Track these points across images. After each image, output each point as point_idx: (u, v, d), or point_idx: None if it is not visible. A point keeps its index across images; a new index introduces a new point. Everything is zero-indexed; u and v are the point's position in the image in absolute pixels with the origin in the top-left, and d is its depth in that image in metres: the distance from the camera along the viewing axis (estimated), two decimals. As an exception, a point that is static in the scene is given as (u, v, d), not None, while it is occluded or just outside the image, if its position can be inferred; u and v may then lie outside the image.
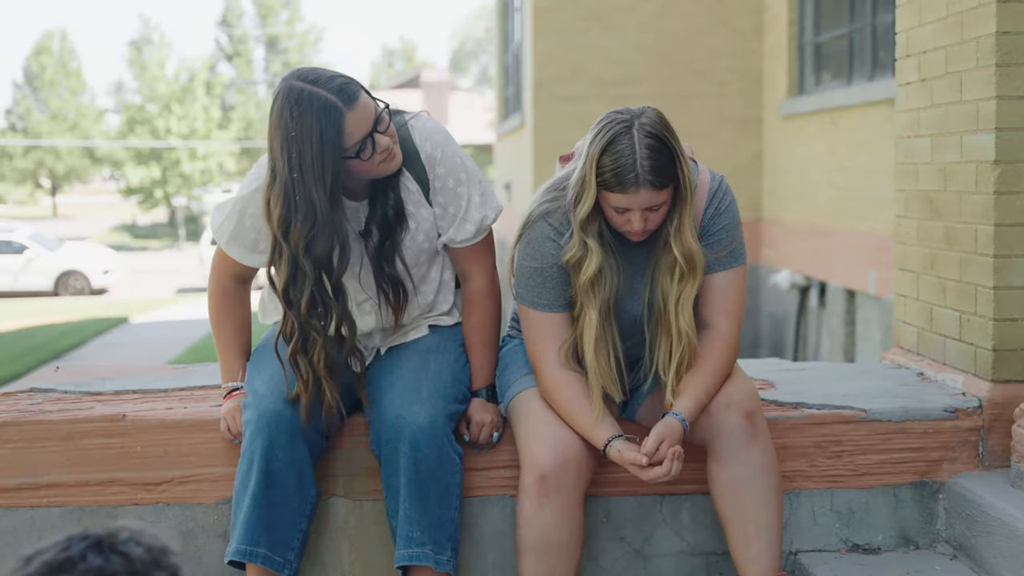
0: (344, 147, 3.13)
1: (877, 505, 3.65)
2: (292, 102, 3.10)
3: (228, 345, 3.53)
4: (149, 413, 3.59)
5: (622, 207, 3.16)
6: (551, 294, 3.35)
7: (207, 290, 3.54)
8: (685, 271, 3.26)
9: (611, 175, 3.12)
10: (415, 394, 3.32)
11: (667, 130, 3.15)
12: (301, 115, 3.08)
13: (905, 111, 4.24)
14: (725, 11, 14.76)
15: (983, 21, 3.66)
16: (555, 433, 3.27)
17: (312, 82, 3.12)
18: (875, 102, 11.21)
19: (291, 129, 3.09)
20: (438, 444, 3.29)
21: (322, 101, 3.09)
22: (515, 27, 18.99)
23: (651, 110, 3.18)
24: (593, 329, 3.28)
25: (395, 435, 3.29)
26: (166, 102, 47.89)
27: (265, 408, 3.28)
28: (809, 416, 3.62)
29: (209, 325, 3.57)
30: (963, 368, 3.84)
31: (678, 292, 3.27)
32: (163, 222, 56.65)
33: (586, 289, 3.27)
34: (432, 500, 3.30)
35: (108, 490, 3.55)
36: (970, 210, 3.76)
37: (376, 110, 3.21)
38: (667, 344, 3.29)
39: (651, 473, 3.13)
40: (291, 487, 3.29)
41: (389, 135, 3.23)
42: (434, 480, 3.30)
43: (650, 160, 3.10)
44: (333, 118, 3.09)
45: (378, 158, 3.20)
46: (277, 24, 53.99)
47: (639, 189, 3.11)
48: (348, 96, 3.12)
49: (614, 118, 3.16)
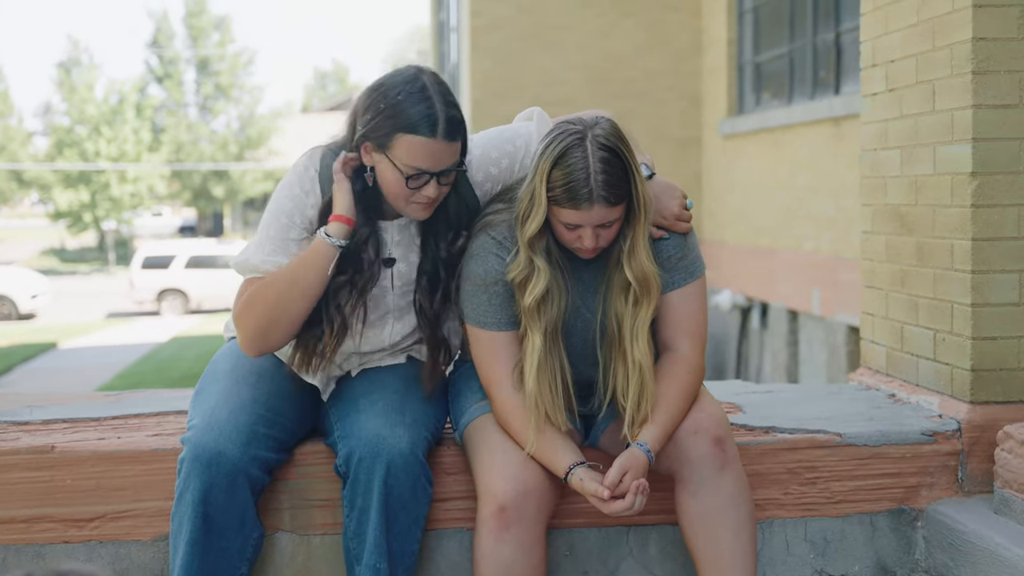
0: (401, 155, 2.96)
1: (853, 534, 3.47)
2: (405, 82, 2.97)
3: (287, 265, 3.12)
4: (80, 444, 3.35)
5: (573, 223, 2.96)
6: (498, 312, 3.14)
7: (244, 322, 3.11)
8: (639, 294, 3.06)
9: (562, 191, 2.91)
10: (399, 416, 3.11)
11: (622, 142, 2.95)
12: (400, 96, 2.96)
13: (871, 123, 4.08)
14: (664, 31, 14.69)
15: (957, 27, 3.51)
16: (514, 462, 3.06)
17: (436, 91, 2.98)
18: (817, 121, 11.15)
19: (381, 100, 2.98)
20: (415, 473, 3.07)
21: (425, 108, 2.94)
22: (451, 47, 18.84)
23: (605, 120, 2.98)
24: (536, 354, 3.06)
25: (372, 455, 3.05)
26: (95, 124, 47.24)
27: (204, 446, 3.02)
28: (781, 441, 3.45)
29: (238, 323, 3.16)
30: (938, 389, 3.67)
31: (633, 317, 3.07)
32: (92, 246, 55.90)
33: (532, 311, 3.06)
34: (400, 531, 3.08)
35: (35, 527, 3.30)
36: (945, 224, 3.61)
37: (456, 157, 3.03)
38: (623, 372, 3.09)
39: (613, 507, 2.93)
40: (231, 529, 3.06)
41: (441, 191, 3.06)
42: (404, 510, 3.08)
43: (604, 175, 2.90)
44: (416, 124, 2.94)
45: (416, 197, 3.02)
46: (208, 46, 53.36)
47: (592, 205, 2.91)
48: (449, 132, 2.96)
49: (566, 129, 2.95)
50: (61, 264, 50.25)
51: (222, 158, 50.64)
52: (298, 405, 3.25)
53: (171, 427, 3.53)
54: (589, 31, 14.68)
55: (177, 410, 3.70)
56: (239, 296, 3.13)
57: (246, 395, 3.14)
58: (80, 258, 52.83)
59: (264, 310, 3.06)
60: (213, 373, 3.27)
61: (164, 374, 19.27)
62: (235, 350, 3.33)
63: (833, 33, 11.05)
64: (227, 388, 3.16)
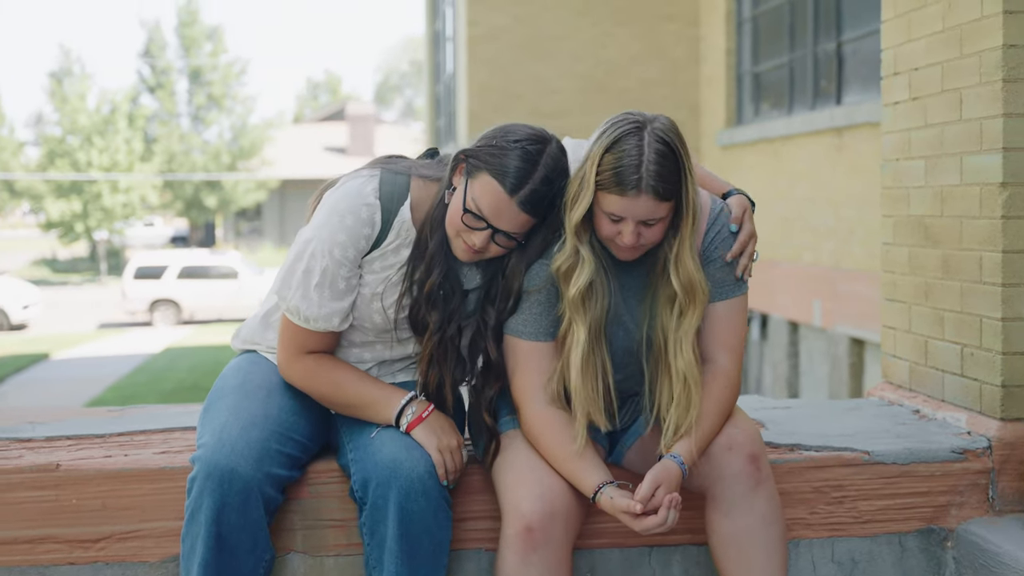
0: (475, 191, 2.92)
1: (881, 554, 3.38)
2: (528, 139, 2.93)
3: (362, 383, 3.11)
4: (85, 462, 3.24)
5: (617, 214, 2.85)
6: (536, 322, 3.04)
7: (301, 383, 3.13)
8: (684, 303, 2.96)
9: (611, 174, 2.81)
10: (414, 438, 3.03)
11: (679, 140, 2.86)
12: (516, 146, 2.91)
13: (893, 132, 3.99)
14: (660, 40, 14.63)
15: (987, 34, 3.42)
16: (542, 480, 2.95)
17: (546, 163, 2.92)
18: (817, 131, 11.07)
19: (502, 138, 2.94)
20: (434, 497, 2.96)
21: (524, 168, 2.90)
22: (446, 57, 18.78)
23: (665, 117, 2.88)
24: (581, 348, 2.96)
25: (388, 480, 2.94)
26: (87, 134, 47.03)
27: (215, 464, 2.91)
28: (808, 459, 3.35)
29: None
30: (966, 405, 3.58)
31: (677, 327, 2.97)
32: (84, 256, 55.65)
33: (576, 303, 2.95)
34: (424, 557, 2.96)
35: (40, 548, 3.19)
36: (973, 236, 3.51)
37: (521, 228, 2.95)
38: (668, 383, 2.99)
39: (645, 523, 2.82)
40: (244, 550, 2.95)
41: (495, 251, 2.99)
42: (428, 535, 2.96)
43: (657, 165, 2.80)
44: (504, 174, 2.90)
45: (465, 235, 2.96)
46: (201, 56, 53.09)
47: (639, 194, 2.81)
48: (527, 201, 2.90)
49: (625, 118, 2.87)
50: (52, 274, 49.99)
51: (214, 168, 50.46)
52: (310, 421, 3.15)
53: (178, 444, 3.43)
54: (585, 41, 14.62)
55: (183, 426, 3.60)
56: (284, 333, 3.11)
57: (257, 411, 3.04)
58: (72, 268, 52.54)
59: (321, 396, 3.12)
60: (221, 389, 3.17)
61: (158, 386, 19.14)
62: (244, 364, 3.24)
63: (835, 43, 10.97)
64: (237, 404, 3.06)
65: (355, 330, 3.14)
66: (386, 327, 3.12)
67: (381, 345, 3.17)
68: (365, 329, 3.13)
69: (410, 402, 3.04)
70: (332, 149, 55.49)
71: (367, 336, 3.15)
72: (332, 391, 3.09)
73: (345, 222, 2.99)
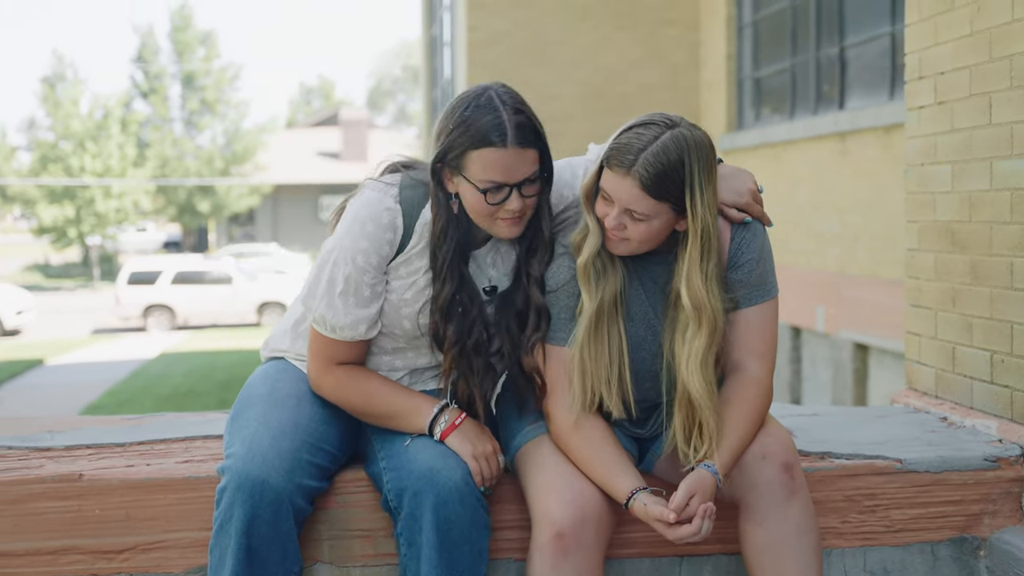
0: (475, 171, 2.85)
1: (914, 564, 3.34)
2: (472, 97, 2.88)
3: (393, 393, 3.07)
4: (108, 472, 3.19)
5: (607, 192, 2.85)
6: (564, 325, 3.01)
7: (332, 395, 3.10)
8: (694, 322, 2.91)
9: (615, 149, 2.82)
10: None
11: (694, 154, 2.81)
12: (468, 112, 2.87)
13: (918, 136, 3.96)
14: (661, 45, 14.59)
15: (1019, 37, 3.39)
16: (573, 486, 2.91)
17: (503, 100, 2.86)
18: (820, 136, 11.05)
19: (450, 121, 2.90)
20: (471, 504, 2.92)
21: (492, 118, 2.83)
22: (444, 62, 18.73)
23: (701, 132, 2.86)
24: (586, 319, 2.94)
25: (424, 489, 2.90)
26: (80, 139, 46.94)
27: (247, 475, 2.87)
28: (839, 467, 3.31)
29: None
30: (996, 412, 3.54)
31: (688, 346, 2.93)
32: (77, 262, 55.54)
33: (584, 272, 2.94)
34: (463, 565, 2.92)
35: (62, 559, 3.14)
36: (1004, 241, 3.48)
37: (534, 165, 2.89)
38: (682, 412, 2.94)
39: (679, 532, 2.77)
40: (273, 562, 2.91)
41: (531, 203, 2.93)
42: (467, 542, 2.91)
43: (655, 157, 2.77)
44: (485, 136, 2.82)
45: (500, 213, 2.90)
46: (194, 61, 53.00)
47: (626, 175, 2.79)
48: (520, 138, 2.84)
49: (665, 115, 2.85)
50: (45, 280, 49.85)
51: (207, 173, 50.38)
52: (339, 430, 3.10)
53: (200, 453, 3.38)
54: (584, 46, 14.58)
55: (204, 435, 3.54)
56: (313, 346, 3.08)
57: (287, 420, 3.00)
58: (64, 274, 52.42)
59: (352, 408, 3.09)
60: (249, 397, 3.12)
61: (154, 391, 19.09)
62: (271, 372, 3.20)
63: (837, 48, 10.95)
64: (266, 412, 3.02)
65: (386, 337, 3.10)
66: (415, 333, 3.08)
67: (412, 352, 3.13)
68: (396, 336, 3.09)
69: (443, 410, 3.01)
70: (325, 154, 55.45)
71: (398, 343, 3.11)
72: (363, 402, 3.05)
73: (366, 229, 2.96)
